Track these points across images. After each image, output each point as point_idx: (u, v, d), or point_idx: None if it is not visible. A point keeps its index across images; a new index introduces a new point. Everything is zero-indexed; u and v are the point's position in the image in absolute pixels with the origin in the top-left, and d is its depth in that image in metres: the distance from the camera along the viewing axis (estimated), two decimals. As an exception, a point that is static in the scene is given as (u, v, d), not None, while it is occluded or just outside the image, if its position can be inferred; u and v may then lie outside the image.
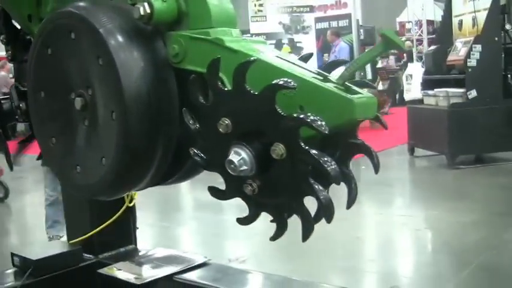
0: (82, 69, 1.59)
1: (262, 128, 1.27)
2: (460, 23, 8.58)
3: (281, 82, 1.22)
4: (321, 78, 1.33)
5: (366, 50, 1.38)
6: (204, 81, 1.37)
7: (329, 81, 1.32)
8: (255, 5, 9.98)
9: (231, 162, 1.29)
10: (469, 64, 7.54)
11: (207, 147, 1.41)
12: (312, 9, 10.34)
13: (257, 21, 10.06)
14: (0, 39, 2.10)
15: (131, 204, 2.76)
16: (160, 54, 1.53)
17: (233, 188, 1.40)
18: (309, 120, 1.19)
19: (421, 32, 14.69)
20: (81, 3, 1.62)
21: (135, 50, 1.50)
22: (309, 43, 10.13)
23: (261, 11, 9.99)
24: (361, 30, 15.90)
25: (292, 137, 1.22)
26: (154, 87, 1.50)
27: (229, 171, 1.31)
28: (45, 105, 1.74)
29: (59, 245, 2.83)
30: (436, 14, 14.34)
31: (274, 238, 1.42)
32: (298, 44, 10.07)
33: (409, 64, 14.48)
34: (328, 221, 1.29)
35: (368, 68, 16.03)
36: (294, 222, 1.38)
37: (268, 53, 1.42)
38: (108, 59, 1.48)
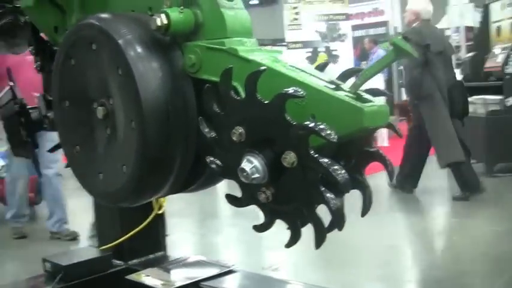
0: (103, 79, 1.64)
1: (273, 136, 1.29)
2: (498, 29, 8.47)
3: (290, 91, 1.24)
4: (333, 87, 1.34)
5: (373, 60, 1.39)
6: (218, 91, 1.40)
7: (341, 89, 1.34)
8: (291, 14, 10.01)
9: (243, 170, 1.31)
10: (506, 71, 7.43)
11: (222, 155, 1.43)
12: (347, 17, 10.31)
13: (293, 29, 10.08)
14: (30, 51, 2.17)
15: (160, 212, 2.79)
16: (178, 65, 1.56)
17: (248, 195, 1.42)
18: (317, 129, 1.20)
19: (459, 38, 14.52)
20: (102, 15, 1.67)
21: (153, 60, 1.54)
22: (345, 51, 10.09)
23: (297, 19, 10.00)
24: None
25: (301, 146, 1.24)
26: (172, 97, 1.53)
27: (242, 179, 1.33)
28: (70, 114, 1.79)
29: (90, 251, 2.88)
30: (476, 20, 14.17)
31: (288, 245, 1.43)
32: (334, 52, 10.05)
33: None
34: (339, 228, 1.30)
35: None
36: (329, 235, 1.39)
37: (282, 63, 1.44)
38: (127, 69, 1.52)
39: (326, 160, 1.23)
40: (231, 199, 1.46)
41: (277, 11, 12.26)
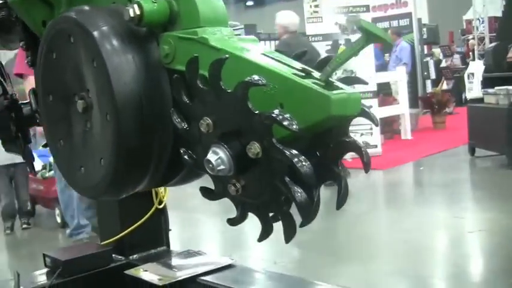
0: (82, 72, 1.62)
1: (238, 126, 1.26)
2: (522, 18, 8.30)
3: (251, 79, 1.20)
4: (303, 74, 1.29)
5: (345, 47, 1.34)
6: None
7: (311, 77, 1.29)
8: (311, 6, 9.89)
9: (209, 161, 1.28)
10: (529, 61, 7.29)
11: (193, 146, 1.40)
12: (368, 8, 10.18)
13: (313, 22, 9.97)
14: (21, 46, 2.15)
15: (161, 206, 2.78)
16: (154, 56, 1.54)
17: (220, 188, 1.38)
18: (278, 118, 1.16)
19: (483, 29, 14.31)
20: (80, 8, 1.65)
21: (127, 52, 1.51)
22: (366, 43, 9.94)
23: (317, 12, 9.89)
24: (424, 29, 15.58)
25: (265, 136, 1.20)
26: (146, 88, 1.50)
27: (208, 171, 1.30)
28: (54, 109, 1.78)
29: (90, 246, 2.87)
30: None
31: (259, 240, 1.40)
32: (355, 45, 9.91)
33: (470, 62, 14.08)
34: (306, 222, 1.26)
35: (431, 67, 15.71)
36: (345, 226, 1.35)
37: (254, 51, 1.40)
38: (101, 61, 1.50)
39: (290, 151, 1.19)
40: (205, 192, 1.43)
41: (297, 4, 12.16)
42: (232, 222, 1.42)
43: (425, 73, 14.22)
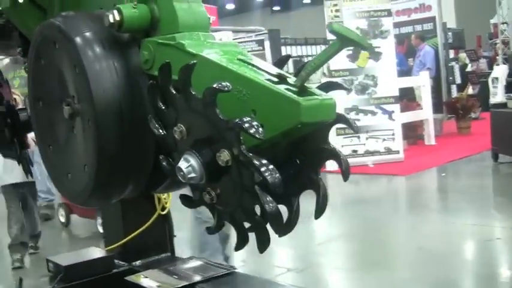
0: (67, 78, 1.61)
1: (209, 134, 1.23)
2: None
3: (217, 85, 1.18)
4: (276, 80, 1.27)
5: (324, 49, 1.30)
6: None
7: (285, 83, 1.26)
8: (331, 11, 9.84)
9: (180, 169, 1.26)
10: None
11: (172, 153, 1.39)
12: (390, 13, 10.08)
13: (334, 27, 9.92)
14: (18, 52, 2.16)
15: (164, 212, 2.76)
16: (134, 62, 1.52)
17: (197, 196, 1.36)
18: (245, 125, 1.13)
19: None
20: (64, 13, 1.65)
21: (107, 58, 1.50)
22: (387, 48, 9.87)
23: (338, 16, 9.83)
24: (450, 33, 15.39)
25: (233, 143, 1.18)
26: (127, 95, 1.49)
27: (180, 178, 1.28)
28: (43, 114, 1.78)
29: (93, 252, 2.87)
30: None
31: (236, 249, 1.37)
32: (376, 49, 9.85)
33: (494, 67, 13.86)
34: (276, 232, 1.23)
35: (457, 71, 15.51)
36: (364, 232, 1.32)
37: (231, 56, 1.38)
38: (81, 67, 1.49)
39: (260, 160, 1.16)
40: (184, 199, 1.41)
41: (318, 9, 12.13)
42: (210, 230, 1.39)
43: (451, 78, 14.03)
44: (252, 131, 1.13)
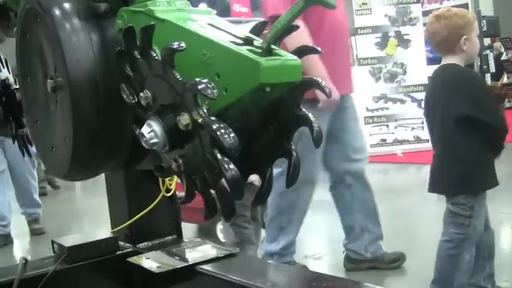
0: (49, 51, 1.61)
1: (171, 98, 1.21)
2: None
3: (171, 44, 1.15)
4: (241, 42, 1.23)
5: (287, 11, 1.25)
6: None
7: (250, 45, 1.23)
8: (360, -2, 9.80)
9: (142, 135, 1.24)
10: None
11: (143, 122, 1.36)
12: (419, 0, 9.96)
13: (361, 14, 9.80)
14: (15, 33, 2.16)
15: (169, 194, 2.75)
16: (110, 33, 1.51)
17: (168, 164, 1.34)
18: (199, 86, 1.10)
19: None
20: None
21: (83, 29, 1.50)
22: (416, 35, 9.74)
23: (366, 3, 9.72)
24: (484, 22, 15.10)
25: (192, 106, 1.15)
26: (101, 65, 1.48)
27: (143, 144, 1.25)
28: (31, 90, 1.78)
29: (97, 233, 2.87)
30: None
31: (205, 218, 1.34)
32: (405, 37, 9.72)
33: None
34: (237, 197, 1.19)
35: (491, 60, 15.22)
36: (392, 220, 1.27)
37: (201, 22, 1.35)
38: (56, 38, 1.49)
39: (219, 122, 1.13)
40: (157, 169, 1.39)
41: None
42: (182, 200, 1.37)
43: (485, 66, 13.78)
44: (206, 91, 1.10)
